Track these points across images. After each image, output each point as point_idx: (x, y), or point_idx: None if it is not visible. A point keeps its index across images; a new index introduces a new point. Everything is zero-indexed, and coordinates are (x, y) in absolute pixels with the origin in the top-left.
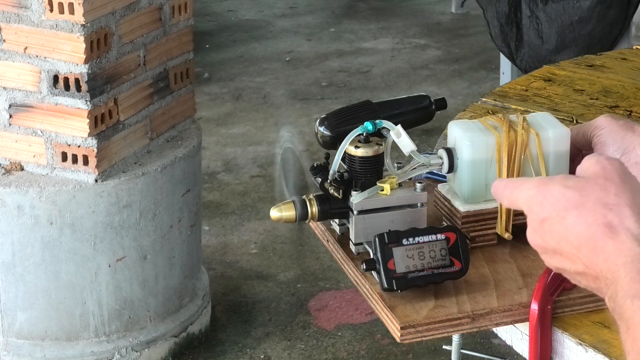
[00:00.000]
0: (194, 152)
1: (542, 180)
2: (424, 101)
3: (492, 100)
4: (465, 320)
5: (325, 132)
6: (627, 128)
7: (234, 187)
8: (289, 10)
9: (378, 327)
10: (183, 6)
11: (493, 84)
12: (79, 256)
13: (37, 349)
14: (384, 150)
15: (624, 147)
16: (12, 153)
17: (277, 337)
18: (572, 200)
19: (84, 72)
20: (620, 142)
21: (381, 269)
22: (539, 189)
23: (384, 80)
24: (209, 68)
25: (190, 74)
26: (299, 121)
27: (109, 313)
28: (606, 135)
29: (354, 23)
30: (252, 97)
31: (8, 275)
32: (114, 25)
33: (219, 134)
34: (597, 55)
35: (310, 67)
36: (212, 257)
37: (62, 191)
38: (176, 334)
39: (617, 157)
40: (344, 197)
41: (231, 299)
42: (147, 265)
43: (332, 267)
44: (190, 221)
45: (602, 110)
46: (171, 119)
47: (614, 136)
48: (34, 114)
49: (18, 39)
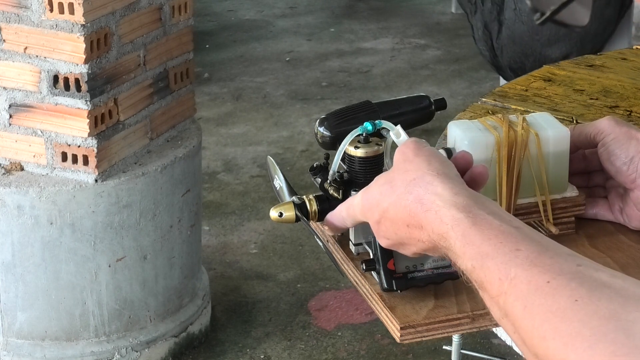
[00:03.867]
0: (194, 152)
1: (364, 189)
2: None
3: (492, 100)
4: (465, 320)
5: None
6: (631, 136)
7: (234, 187)
8: (289, 10)
9: (378, 327)
10: (183, 6)
11: (493, 84)
12: (79, 256)
13: (37, 349)
14: (384, 150)
15: (631, 156)
16: (12, 153)
17: (277, 337)
18: (386, 193)
19: (84, 72)
20: (627, 152)
21: (381, 269)
22: (363, 197)
23: (384, 80)
24: (209, 68)
25: (190, 74)
26: (299, 121)
27: (109, 313)
28: (613, 144)
29: (354, 23)
30: (252, 97)
31: (8, 275)
32: (114, 25)
33: (219, 134)
34: (597, 55)
35: (310, 67)
36: (212, 257)
37: (62, 191)
38: (176, 334)
39: (626, 165)
40: (344, 197)
41: (231, 299)
42: (147, 265)
43: (332, 267)
44: (190, 221)
45: (602, 110)
46: (171, 119)
47: (620, 145)
48: (34, 114)
49: (18, 39)
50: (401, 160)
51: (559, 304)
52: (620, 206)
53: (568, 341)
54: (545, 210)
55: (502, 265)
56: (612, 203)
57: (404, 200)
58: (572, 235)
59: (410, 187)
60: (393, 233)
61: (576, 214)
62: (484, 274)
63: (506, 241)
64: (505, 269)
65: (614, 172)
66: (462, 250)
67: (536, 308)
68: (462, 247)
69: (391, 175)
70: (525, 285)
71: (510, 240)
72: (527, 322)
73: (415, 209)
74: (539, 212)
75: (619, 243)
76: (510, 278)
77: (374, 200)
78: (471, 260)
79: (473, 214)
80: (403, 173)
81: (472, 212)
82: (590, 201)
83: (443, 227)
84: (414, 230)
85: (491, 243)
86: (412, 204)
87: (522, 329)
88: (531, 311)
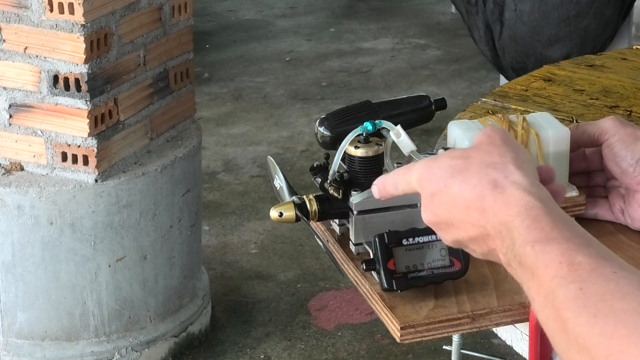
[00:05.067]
0: (194, 152)
1: (430, 158)
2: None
3: (492, 100)
4: (465, 320)
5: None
6: (636, 137)
7: (234, 187)
8: (289, 10)
9: (378, 327)
10: (183, 6)
11: (493, 84)
12: (79, 256)
13: (37, 349)
14: (384, 150)
15: (637, 158)
16: (12, 153)
17: (277, 337)
18: (457, 168)
19: (84, 72)
20: (632, 153)
21: (381, 269)
22: (427, 165)
23: (384, 80)
24: (209, 68)
25: (190, 74)
26: (299, 121)
27: (109, 313)
28: (618, 145)
29: (354, 23)
30: (252, 97)
31: (8, 275)
32: (114, 25)
33: (219, 134)
34: (597, 55)
35: (310, 67)
36: (212, 257)
37: (62, 191)
38: (176, 334)
39: (632, 167)
40: (343, 197)
41: (231, 299)
42: (147, 265)
43: (332, 267)
44: (190, 221)
45: (602, 110)
46: (171, 119)
47: (625, 147)
48: (34, 114)
49: (18, 39)
50: (486, 142)
51: (621, 287)
52: (621, 206)
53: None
54: None
55: (569, 251)
56: (612, 203)
57: (475, 179)
58: None
59: (489, 169)
60: (445, 211)
61: (576, 214)
62: (544, 256)
63: (577, 236)
64: (570, 255)
65: (619, 174)
66: (526, 232)
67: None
68: (527, 229)
69: (468, 153)
70: (587, 272)
71: (581, 236)
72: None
73: (484, 191)
74: None
75: (619, 243)
76: (573, 263)
77: (439, 170)
78: (533, 242)
79: (549, 206)
80: (484, 154)
81: (549, 205)
82: (590, 201)
83: (510, 211)
84: (472, 212)
85: (562, 232)
86: (484, 184)
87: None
88: (587, 292)
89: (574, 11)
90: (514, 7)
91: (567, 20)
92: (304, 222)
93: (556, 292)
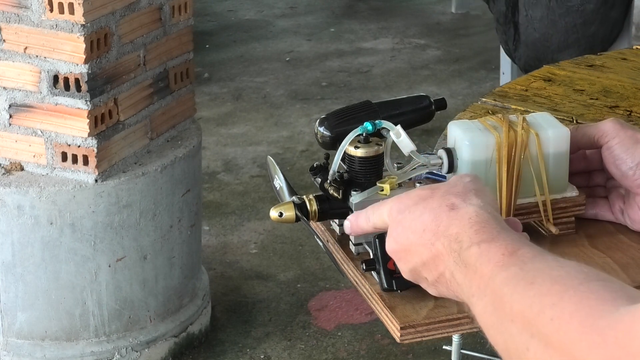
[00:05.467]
0: (194, 152)
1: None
2: (424, 101)
3: (492, 100)
4: (465, 320)
5: (325, 132)
6: (637, 140)
7: (234, 187)
8: (289, 10)
9: (378, 327)
10: (183, 6)
11: (493, 84)
12: (79, 256)
13: (37, 349)
14: (384, 150)
15: (638, 161)
16: (12, 153)
17: (277, 337)
18: (422, 197)
19: (84, 72)
20: (632, 156)
21: (381, 269)
22: (398, 197)
23: (384, 80)
24: (209, 68)
25: (190, 74)
26: (299, 121)
27: (109, 313)
28: (618, 148)
29: (354, 23)
30: (252, 97)
31: (8, 275)
32: (114, 25)
33: (219, 134)
34: (597, 55)
35: (310, 67)
36: (212, 257)
37: (62, 191)
38: (176, 334)
39: (632, 170)
40: (344, 197)
41: (231, 299)
42: (147, 265)
43: (332, 267)
44: (190, 221)
45: (602, 110)
46: (171, 119)
47: (626, 150)
48: (34, 114)
49: (18, 39)
50: (455, 178)
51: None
52: (621, 206)
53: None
54: (545, 210)
55: (512, 245)
56: (612, 203)
57: (436, 204)
58: (572, 235)
59: (450, 195)
60: (405, 237)
61: (576, 214)
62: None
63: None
64: (513, 248)
65: (619, 176)
66: (474, 235)
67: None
68: (475, 233)
69: (437, 186)
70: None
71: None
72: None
73: (441, 213)
74: (539, 212)
75: (619, 243)
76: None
77: (408, 200)
78: (480, 242)
79: (498, 219)
80: (450, 186)
81: (499, 218)
82: (590, 201)
83: (461, 222)
84: (427, 234)
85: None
86: (442, 207)
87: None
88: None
89: (580, 19)
90: (525, 12)
91: (575, 28)
92: (304, 222)
93: (496, 277)
